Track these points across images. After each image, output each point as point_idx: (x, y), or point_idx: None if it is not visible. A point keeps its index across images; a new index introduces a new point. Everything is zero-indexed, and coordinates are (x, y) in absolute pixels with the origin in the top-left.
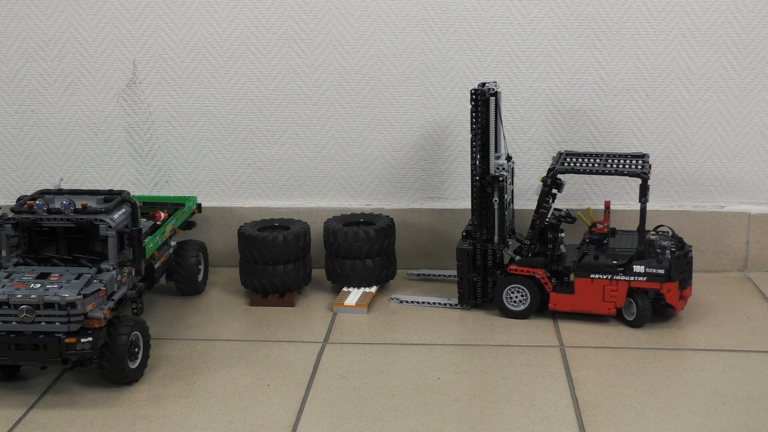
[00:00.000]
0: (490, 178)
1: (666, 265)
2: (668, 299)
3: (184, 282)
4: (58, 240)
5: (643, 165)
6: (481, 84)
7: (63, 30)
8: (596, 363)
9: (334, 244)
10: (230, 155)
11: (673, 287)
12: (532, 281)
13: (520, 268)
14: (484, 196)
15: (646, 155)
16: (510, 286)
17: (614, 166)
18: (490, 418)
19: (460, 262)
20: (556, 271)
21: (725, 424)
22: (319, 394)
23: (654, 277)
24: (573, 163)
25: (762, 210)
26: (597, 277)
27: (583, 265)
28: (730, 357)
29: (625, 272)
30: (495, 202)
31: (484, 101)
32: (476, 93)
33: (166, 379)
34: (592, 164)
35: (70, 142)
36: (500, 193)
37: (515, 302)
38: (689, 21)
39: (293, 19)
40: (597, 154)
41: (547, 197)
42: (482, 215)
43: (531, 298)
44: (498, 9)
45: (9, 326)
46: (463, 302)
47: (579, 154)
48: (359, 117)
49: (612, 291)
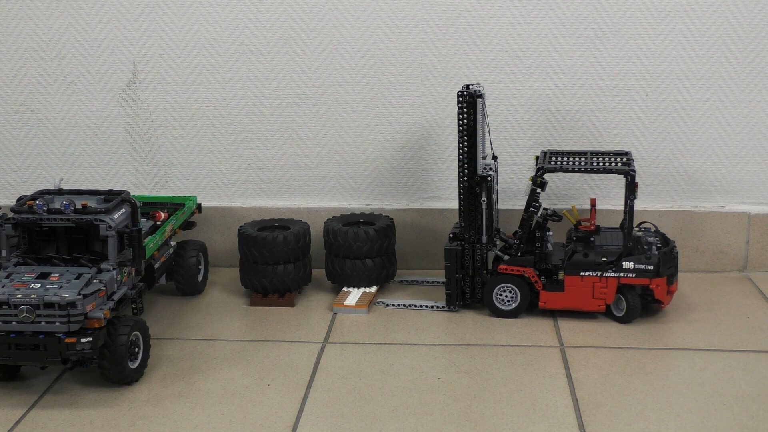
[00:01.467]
0: (478, 178)
1: (654, 260)
2: (657, 294)
3: (184, 282)
4: (58, 240)
5: (628, 162)
6: (466, 86)
7: (63, 30)
8: (596, 363)
9: (334, 244)
10: (230, 155)
11: (661, 282)
12: (522, 280)
13: (510, 268)
14: (472, 196)
15: (628, 153)
16: (500, 286)
17: (601, 164)
18: (490, 418)
19: (448, 262)
20: (544, 270)
21: (725, 424)
22: (319, 394)
23: (643, 273)
24: (558, 162)
25: (762, 210)
26: (587, 274)
27: (573, 263)
28: (730, 357)
29: (614, 269)
30: (483, 202)
31: (471, 103)
32: (463, 95)
33: (166, 379)
34: (579, 162)
35: (70, 142)
36: (488, 193)
37: (505, 301)
38: (689, 21)
39: (293, 19)
40: (579, 152)
41: (537, 196)
42: (470, 215)
43: (521, 296)
44: (498, 9)
45: (9, 326)
46: (451, 304)
47: (562, 152)
48: (359, 117)
49: (602, 288)
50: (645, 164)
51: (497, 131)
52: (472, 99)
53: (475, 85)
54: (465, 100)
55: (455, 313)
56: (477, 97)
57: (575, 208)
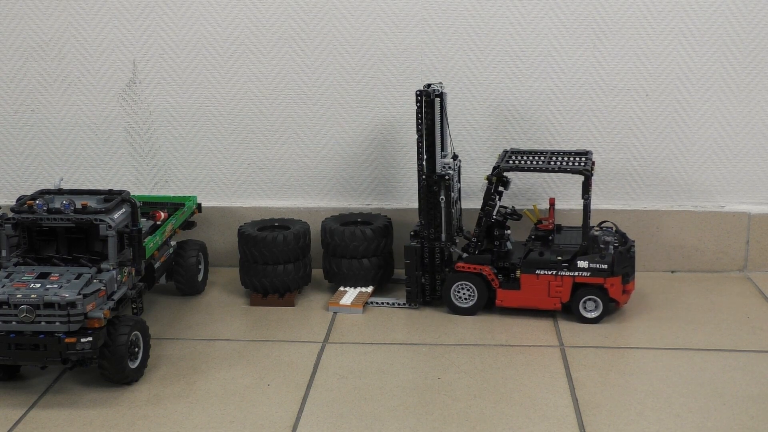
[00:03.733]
0: (436, 176)
1: (609, 260)
2: (611, 293)
3: (184, 282)
4: (58, 240)
5: (586, 162)
6: (427, 85)
7: (63, 30)
8: (596, 363)
9: (331, 244)
10: (230, 155)
11: (616, 282)
12: (479, 278)
13: (467, 265)
14: (431, 194)
15: (589, 152)
16: (458, 283)
17: (558, 163)
18: (490, 418)
19: (408, 259)
20: (503, 268)
21: (725, 424)
22: (319, 394)
23: (597, 272)
24: (518, 161)
25: (762, 210)
26: (542, 272)
27: (529, 261)
28: (730, 357)
29: (569, 268)
30: (442, 201)
31: (429, 102)
32: (421, 94)
33: (166, 379)
34: (537, 162)
35: (70, 142)
36: (447, 191)
37: (463, 299)
38: (689, 21)
39: (293, 19)
40: (542, 151)
41: (493, 194)
42: (429, 214)
43: (478, 294)
44: (498, 9)
45: (9, 326)
46: (411, 301)
47: (524, 151)
48: (359, 117)
49: (557, 286)
50: (645, 164)
51: (497, 131)
52: (430, 98)
53: (436, 84)
54: (424, 99)
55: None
56: (436, 96)
57: (536, 207)
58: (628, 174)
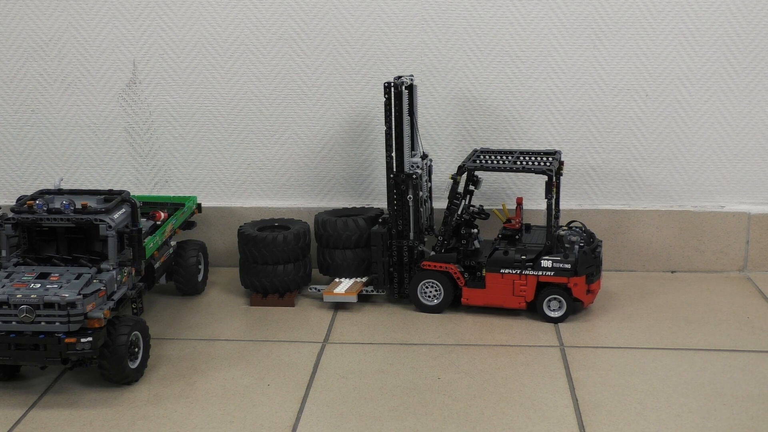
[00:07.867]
0: (403, 176)
1: (572, 259)
2: (575, 293)
3: (184, 282)
4: (58, 240)
5: (552, 162)
6: (397, 77)
7: (63, 30)
8: (596, 363)
9: (324, 235)
10: (230, 155)
11: (579, 281)
12: (445, 276)
13: (433, 264)
14: (398, 192)
15: (558, 152)
16: (424, 281)
17: (522, 163)
18: (490, 418)
19: (374, 245)
20: (470, 267)
21: (725, 424)
22: (319, 394)
23: (561, 271)
24: (485, 161)
25: (762, 210)
26: (507, 271)
27: (494, 260)
28: (730, 357)
29: (533, 267)
30: (409, 200)
31: (397, 94)
32: (390, 86)
33: (166, 379)
34: (502, 161)
35: (70, 142)
36: (414, 191)
37: (429, 297)
38: (689, 21)
39: (293, 19)
40: (511, 151)
41: (459, 193)
42: (397, 211)
43: (444, 292)
44: (498, 9)
45: (9, 326)
46: (378, 287)
47: (493, 151)
48: (359, 117)
49: (521, 285)
50: (645, 164)
51: (497, 131)
52: (398, 90)
53: (406, 77)
54: (393, 91)
55: (455, 313)
56: (405, 88)
57: (505, 206)
58: (628, 174)
